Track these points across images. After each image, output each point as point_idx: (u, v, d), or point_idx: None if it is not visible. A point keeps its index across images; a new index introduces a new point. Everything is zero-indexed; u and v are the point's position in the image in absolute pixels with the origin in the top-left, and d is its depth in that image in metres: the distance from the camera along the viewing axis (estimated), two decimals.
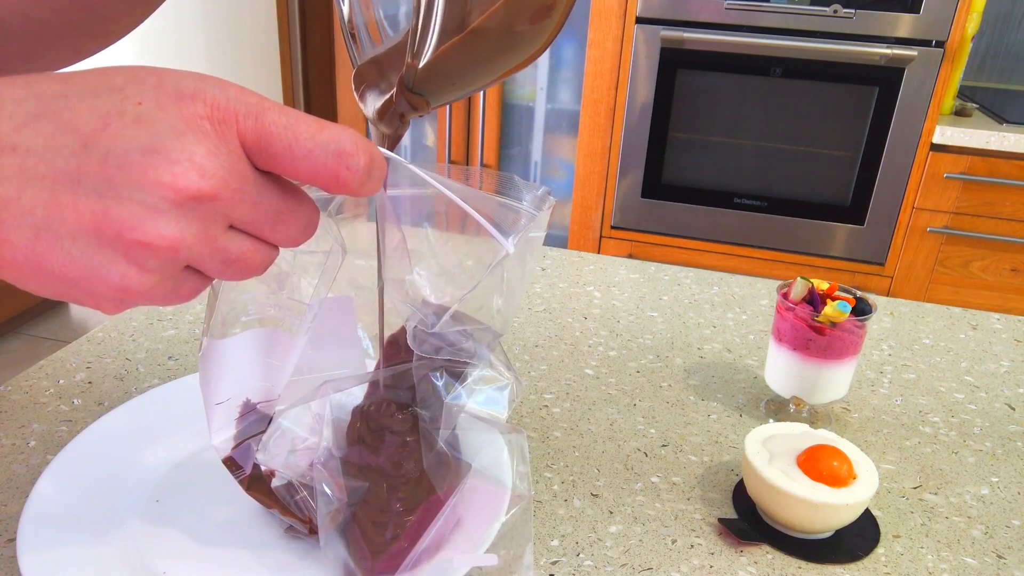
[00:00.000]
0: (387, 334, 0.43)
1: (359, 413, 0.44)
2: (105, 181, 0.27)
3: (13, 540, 0.46)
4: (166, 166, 0.27)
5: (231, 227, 0.30)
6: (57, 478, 0.48)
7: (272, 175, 0.31)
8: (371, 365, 0.49)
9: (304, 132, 0.29)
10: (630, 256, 2.05)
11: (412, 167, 0.35)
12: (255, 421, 0.44)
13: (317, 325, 0.41)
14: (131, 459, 0.51)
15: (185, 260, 0.29)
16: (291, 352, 0.42)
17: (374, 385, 0.44)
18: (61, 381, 0.64)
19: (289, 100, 2.73)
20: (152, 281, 0.29)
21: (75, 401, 0.61)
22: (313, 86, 2.86)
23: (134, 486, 0.49)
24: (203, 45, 2.49)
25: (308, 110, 2.84)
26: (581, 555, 0.48)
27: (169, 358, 0.68)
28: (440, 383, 0.42)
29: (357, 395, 0.44)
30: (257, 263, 0.32)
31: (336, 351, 0.48)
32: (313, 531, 0.44)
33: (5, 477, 0.52)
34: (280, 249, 0.33)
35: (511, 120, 2.19)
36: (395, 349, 0.43)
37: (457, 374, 0.42)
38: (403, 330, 0.42)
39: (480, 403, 0.44)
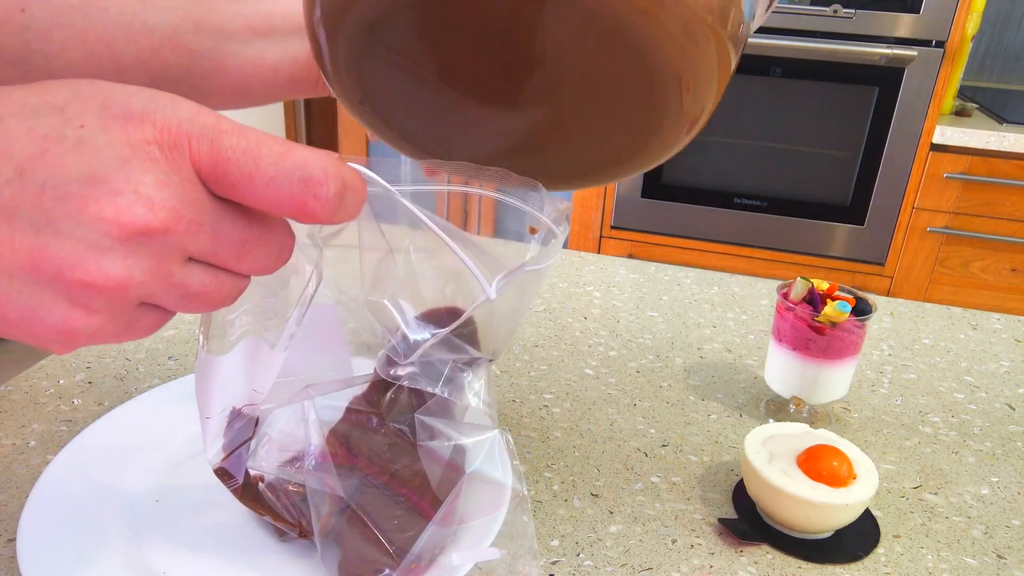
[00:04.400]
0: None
1: (349, 414, 0.44)
2: (43, 215, 0.25)
3: (13, 540, 0.46)
4: (109, 198, 0.25)
5: (191, 259, 0.28)
6: (57, 478, 0.48)
7: (234, 202, 0.28)
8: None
9: (266, 158, 0.27)
10: (630, 256, 2.05)
11: (401, 199, 0.33)
12: (242, 427, 0.43)
13: (300, 336, 0.40)
14: (131, 459, 0.51)
15: (137, 297, 0.27)
16: (273, 366, 0.41)
17: (374, 385, 0.44)
18: (61, 381, 0.64)
19: (289, 104, 2.73)
20: (100, 321, 0.27)
21: (75, 401, 0.61)
22: None
23: (134, 486, 0.49)
24: None
25: (308, 114, 2.84)
26: (581, 555, 0.48)
27: (169, 358, 0.68)
28: (411, 398, 0.41)
29: (345, 396, 0.44)
30: (223, 296, 0.29)
31: (321, 357, 0.47)
32: (303, 534, 0.44)
33: (5, 477, 0.52)
34: (252, 277, 0.31)
35: None
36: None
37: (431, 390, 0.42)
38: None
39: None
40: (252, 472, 0.43)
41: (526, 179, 0.37)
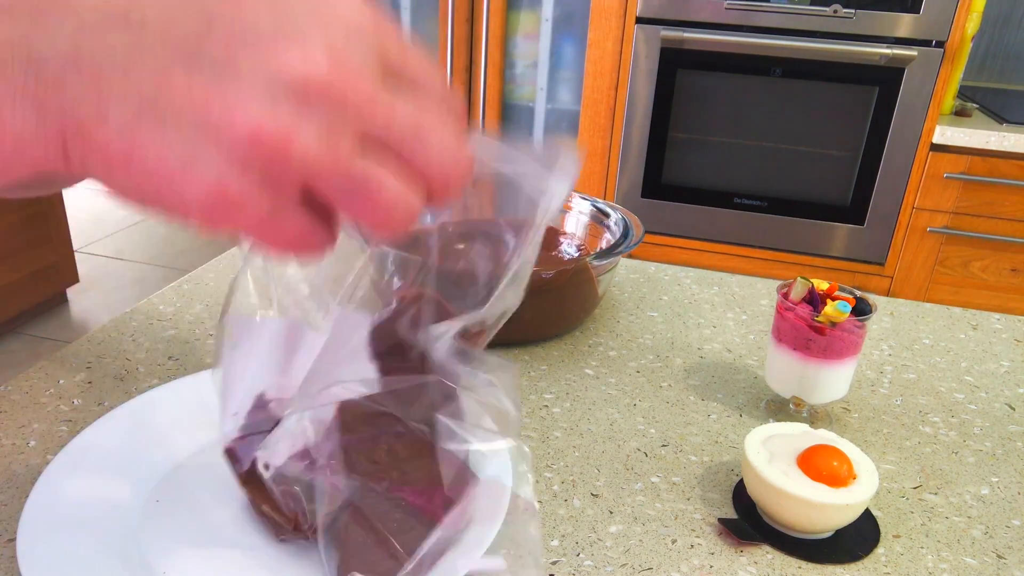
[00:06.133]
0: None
1: (371, 413, 0.43)
2: (226, 62, 0.24)
3: (13, 540, 0.46)
4: (298, 48, 0.24)
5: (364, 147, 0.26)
6: (57, 478, 0.48)
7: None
8: None
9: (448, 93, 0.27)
10: (630, 256, 2.05)
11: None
12: (264, 419, 0.44)
13: (332, 335, 0.40)
14: (131, 459, 0.51)
15: (298, 172, 0.25)
16: (311, 351, 0.41)
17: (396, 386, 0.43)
18: (61, 381, 0.64)
19: None
20: (249, 188, 0.25)
21: (75, 401, 0.61)
22: None
23: (134, 486, 0.49)
24: None
25: None
26: (581, 555, 0.48)
27: (169, 358, 0.68)
28: (438, 396, 0.41)
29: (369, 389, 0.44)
30: (405, 209, 0.27)
31: (347, 365, 0.47)
32: (296, 529, 0.43)
33: (5, 477, 0.52)
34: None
35: (511, 120, 2.19)
36: (388, 339, 0.42)
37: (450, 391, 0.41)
38: (395, 317, 0.41)
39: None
40: (260, 461, 0.43)
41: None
